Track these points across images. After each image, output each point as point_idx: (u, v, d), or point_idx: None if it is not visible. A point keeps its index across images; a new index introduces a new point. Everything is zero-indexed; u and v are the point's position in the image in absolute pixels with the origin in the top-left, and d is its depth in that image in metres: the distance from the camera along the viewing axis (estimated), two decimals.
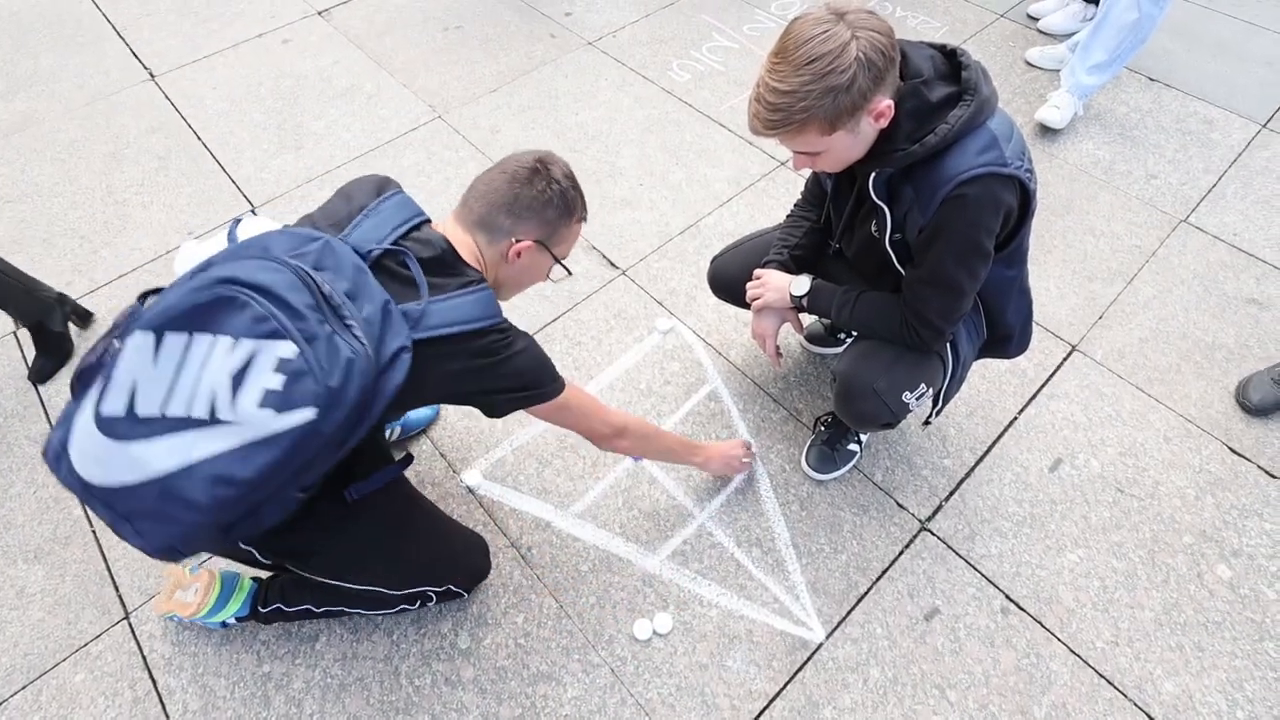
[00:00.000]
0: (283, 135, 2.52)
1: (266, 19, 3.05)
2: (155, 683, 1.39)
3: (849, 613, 1.47)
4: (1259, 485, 1.64)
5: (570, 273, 1.24)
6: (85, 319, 2.00)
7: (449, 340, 1.03)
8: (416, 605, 1.38)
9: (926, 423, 1.52)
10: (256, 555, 1.21)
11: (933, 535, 1.57)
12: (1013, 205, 1.10)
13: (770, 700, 1.37)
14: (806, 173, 1.50)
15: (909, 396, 1.30)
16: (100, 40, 2.95)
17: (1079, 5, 2.88)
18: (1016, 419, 1.76)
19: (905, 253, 1.20)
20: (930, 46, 1.10)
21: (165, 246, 2.18)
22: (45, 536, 1.58)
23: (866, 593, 1.49)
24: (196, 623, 1.41)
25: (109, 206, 2.30)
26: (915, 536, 1.57)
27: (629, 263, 2.12)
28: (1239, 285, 2.05)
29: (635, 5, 3.10)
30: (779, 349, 1.51)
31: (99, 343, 0.94)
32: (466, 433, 1.74)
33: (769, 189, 2.33)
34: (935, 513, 1.61)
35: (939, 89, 1.05)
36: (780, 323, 1.47)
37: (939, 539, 1.57)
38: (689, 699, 1.37)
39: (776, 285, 1.41)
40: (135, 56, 2.85)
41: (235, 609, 1.38)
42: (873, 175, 1.14)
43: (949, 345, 1.33)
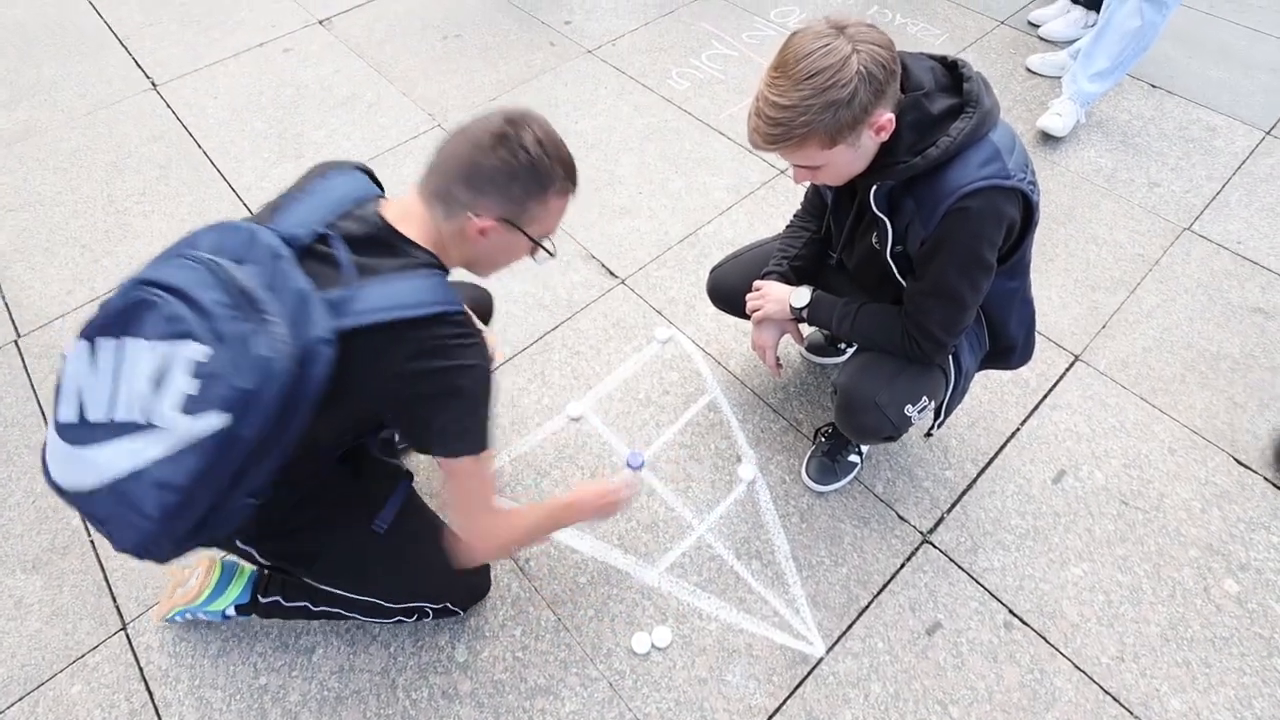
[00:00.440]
0: (283, 144, 2.53)
1: (267, 28, 3.06)
2: (152, 695, 1.38)
3: (850, 626, 1.45)
4: (1266, 498, 1.62)
5: (552, 254, 1.07)
6: None
7: (382, 330, 0.90)
8: (413, 618, 1.37)
9: (928, 434, 1.51)
10: (256, 556, 1.21)
11: (934, 548, 1.56)
12: (1015, 218, 1.09)
13: (770, 716, 1.35)
14: (807, 183, 1.49)
15: (911, 409, 1.29)
16: (103, 49, 2.96)
17: (1080, 12, 2.88)
18: (1019, 430, 1.75)
19: (906, 265, 1.19)
20: (931, 58, 1.09)
21: None
22: (43, 546, 1.58)
23: (867, 606, 1.48)
24: (198, 615, 1.40)
25: (110, 215, 2.30)
26: (917, 549, 1.56)
27: (628, 271, 2.11)
28: (1244, 294, 2.03)
29: (635, 13, 3.11)
30: (779, 360, 1.50)
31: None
32: None
33: (768, 197, 2.32)
34: (937, 525, 1.59)
35: (940, 101, 1.05)
36: (780, 334, 1.46)
37: (941, 552, 1.55)
38: (688, 714, 1.35)
39: (776, 297, 1.40)
40: (138, 65, 2.86)
41: (235, 595, 1.38)
42: (874, 188, 1.13)
43: (951, 357, 1.32)
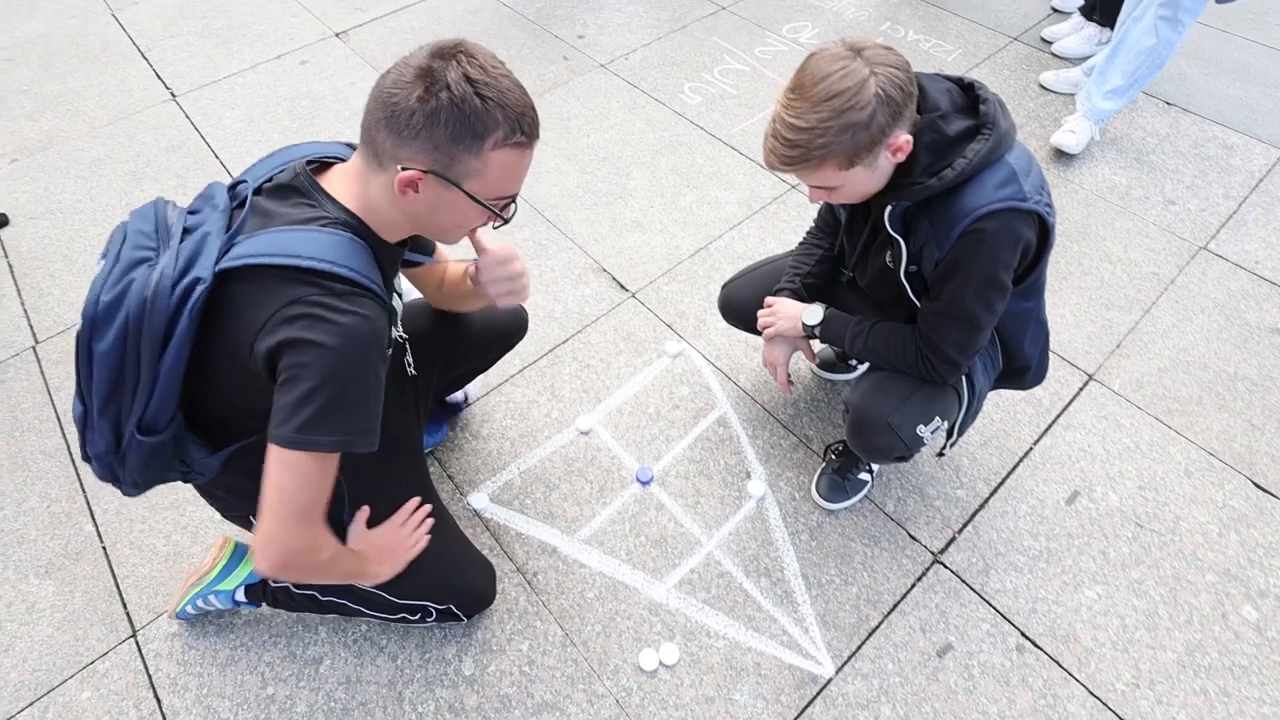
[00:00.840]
0: None
1: (285, 40, 3.10)
2: (160, 702, 1.38)
3: (859, 647, 1.44)
4: None
5: (503, 218, 0.95)
6: None
7: (254, 273, 0.87)
8: (417, 617, 1.35)
9: (940, 454, 1.50)
10: None
11: (946, 568, 1.54)
12: (1031, 240, 1.09)
13: None
14: (821, 202, 1.50)
15: (923, 430, 1.28)
16: (125, 61, 3.01)
17: (1094, 29, 2.87)
18: (1031, 450, 1.73)
19: (920, 285, 1.19)
20: (947, 79, 1.09)
21: None
22: (57, 551, 1.59)
23: (878, 626, 1.46)
24: (209, 598, 1.39)
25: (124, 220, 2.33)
26: (928, 569, 1.54)
27: (639, 285, 2.12)
28: (1261, 315, 2.01)
29: (647, 28, 3.13)
30: (790, 377, 1.50)
31: None
32: (474, 454, 1.74)
33: (780, 212, 2.32)
34: (948, 545, 1.58)
35: (956, 122, 1.05)
36: (792, 351, 1.46)
37: (952, 572, 1.54)
38: None
39: (789, 314, 1.40)
40: (158, 77, 2.91)
41: (247, 573, 1.38)
42: (889, 208, 1.13)
43: (964, 377, 1.31)
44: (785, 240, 2.22)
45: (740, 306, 1.60)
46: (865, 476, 1.62)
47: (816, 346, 1.55)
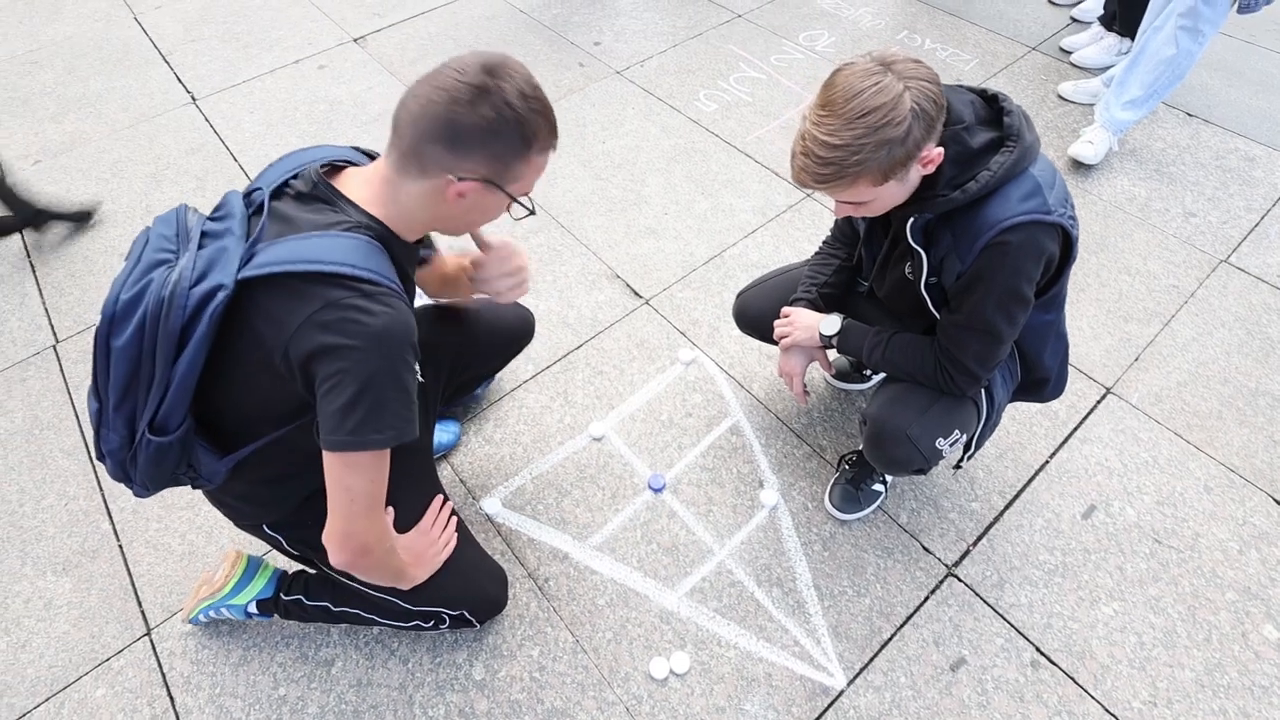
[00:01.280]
0: None
1: (304, 45, 3.14)
2: (173, 701, 1.39)
3: (872, 659, 1.43)
4: None
5: (532, 211, 1.02)
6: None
7: (280, 281, 0.89)
8: (430, 625, 1.35)
9: (957, 466, 1.48)
10: (284, 543, 1.23)
11: (960, 581, 1.53)
12: (1055, 253, 1.08)
13: None
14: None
15: (942, 443, 1.27)
16: (146, 64, 3.05)
17: (1114, 39, 2.85)
18: (1048, 463, 1.72)
19: (940, 296, 1.18)
20: (970, 91, 1.09)
21: None
22: (74, 549, 1.61)
23: (890, 639, 1.45)
24: (222, 610, 1.41)
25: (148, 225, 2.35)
26: (941, 582, 1.53)
27: (652, 292, 2.12)
28: None
29: (663, 35, 3.14)
30: (806, 388, 1.49)
31: None
32: (487, 459, 1.74)
33: (795, 220, 2.32)
34: (962, 558, 1.57)
35: (980, 135, 1.04)
36: (808, 361, 1.45)
37: (966, 585, 1.52)
38: None
39: (805, 324, 1.40)
40: (179, 80, 2.94)
41: (259, 589, 1.39)
42: (910, 220, 1.13)
43: (984, 390, 1.30)
44: (800, 248, 2.21)
45: (755, 316, 1.59)
46: (879, 487, 1.61)
47: (832, 356, 1.54)
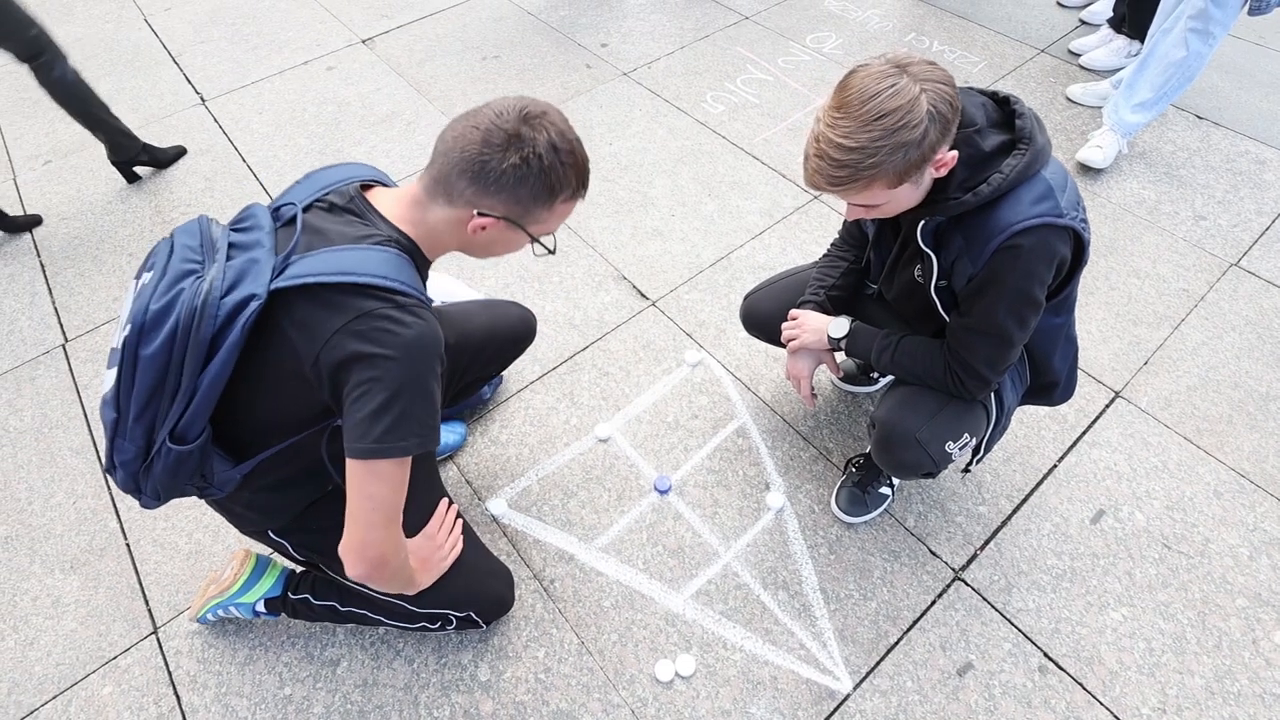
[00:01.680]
0: (324, 159, 2.58)
1: (312, 46, 3.15)
2: (179, 699, 1.40)
3: (878, 663, 1.42)
4: None
5: (551, 251, 1.05)
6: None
7: (312, 291, 0.91)
8: (437, 626, 1.36)
9: (966, 470, 1.48)
10: (289, 549, 1.24)
11: (967, 585, 1.52)
12: (1066, 256, 1.07)
13: None
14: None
15: (952, 446, 1.27)
16: (156, 66, 3.07)
17: (1123, 41, 2.84)
18: (1056, 467, 1.71)
19: (950, 300, 1.17)
20: (981, 93, 1.08)
21: None
22: (82, 547, 1.61)
23: (897, 643, 1.45)
24: (230, 609, 1.41)
25: (156, 226, 2.37)
26: (948, 586, 1.52)
27: (659, 294, 2.12)
28: None
29: (671, 37, 3.14)
30: (814, 390, 1.49)
31: None
32: (493, 460, 1.74)
33: (801, 222, 2.31)
34: (970, 562, 1.56)
35: (992, 137, 1.04)
36: (816, 364, 1.45)
37: (973, 590, 1.52)
38: None
39: (814, 326, 1.39)
40: (188, 81, 2.96)
41: (267, 588, 1.40)
42: (922, 223, 1.12)
43: (993, 393, 1.29)
44: (807, 250, 2.21)
45: (763, 318, 1.59)
46: (886, 490, 1.60)
47: (840, 359, 1.53)
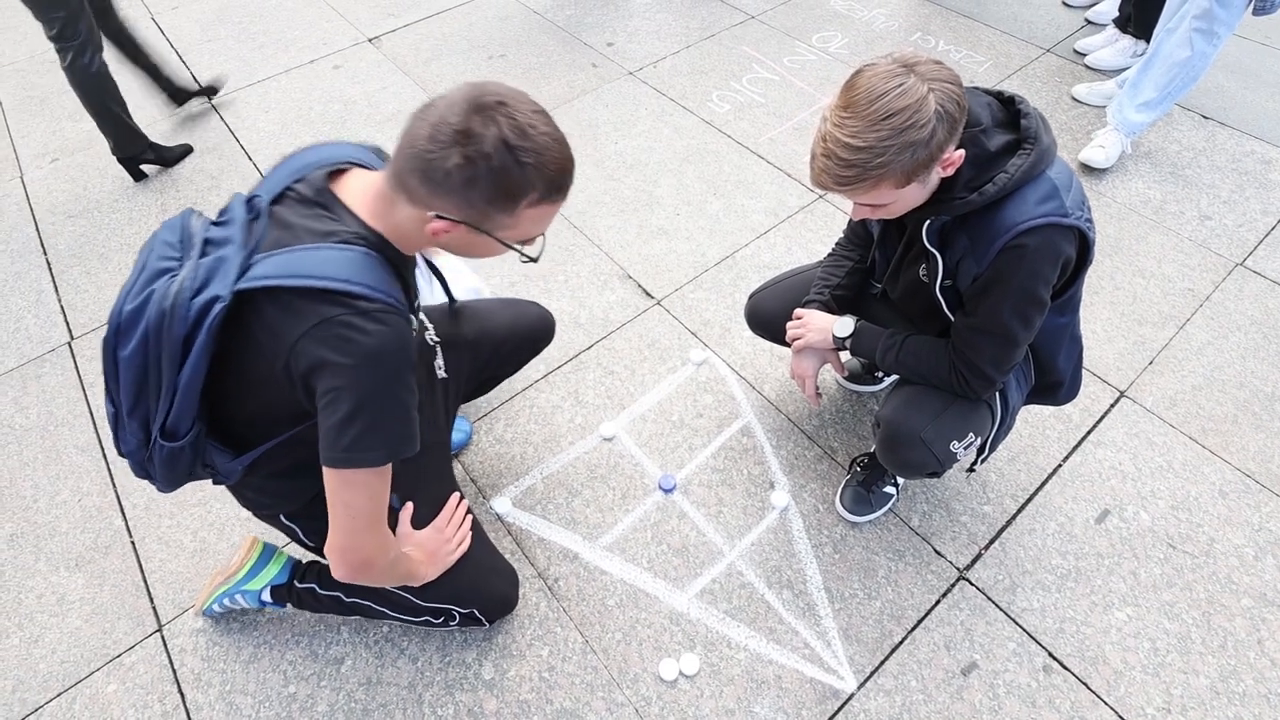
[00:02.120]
0: None
1: (319, 45, 3.15)
2: (184, 697, 1.40)
3: (882, 663, 1.42)
4: None
5: (533, 259, 0.95)
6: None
7: (276, 295, 0.88)
8: (440, 621, 1.36)
9: (970, 469, 1.47)
10: (300, 534, 1.24)
11: (971, 585, 1.52)
12: (1072, 255, 1.07)
13: None
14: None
15: (957, 446, 1.27)
16: (164, 64, 3.07)
17: (1129, 41, 2.83)
18: (1061, 466, 1.70)
19: (955, 299, 1.17)
20: (986, 93, 1.08)
21: None
22: (87, 545, 1.62)
23: (901, 642, 1.44)
24: (236, 597, 1.41)
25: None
26: (953, 586, 1.52)
27: (664, 292, 2.12)
28: None
29: (676, 36, 3.14)
30: (819, 390, 1.49)
31: None
32: (498, 459, 1.75)
33: (807, 221, 2.31)
34: (974, 561, 1.56)
35: (997, 137, 1.04)
36: (821, 363, 1.45)
37: (978, 589, 1.51)
38: None
39: (819, 326, 1.39)
40: (195, 80, 2.96)
41: (273, 575, 1.40)
42: (927, 222, 1.12)
43: (998, 393, 1.29)
44: (812, 250, 2.21)
45: (768, 317, 1.59)
46: (890, 490, 1.60)
47: (844, 358, 1.53)
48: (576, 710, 1.37)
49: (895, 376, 1.63)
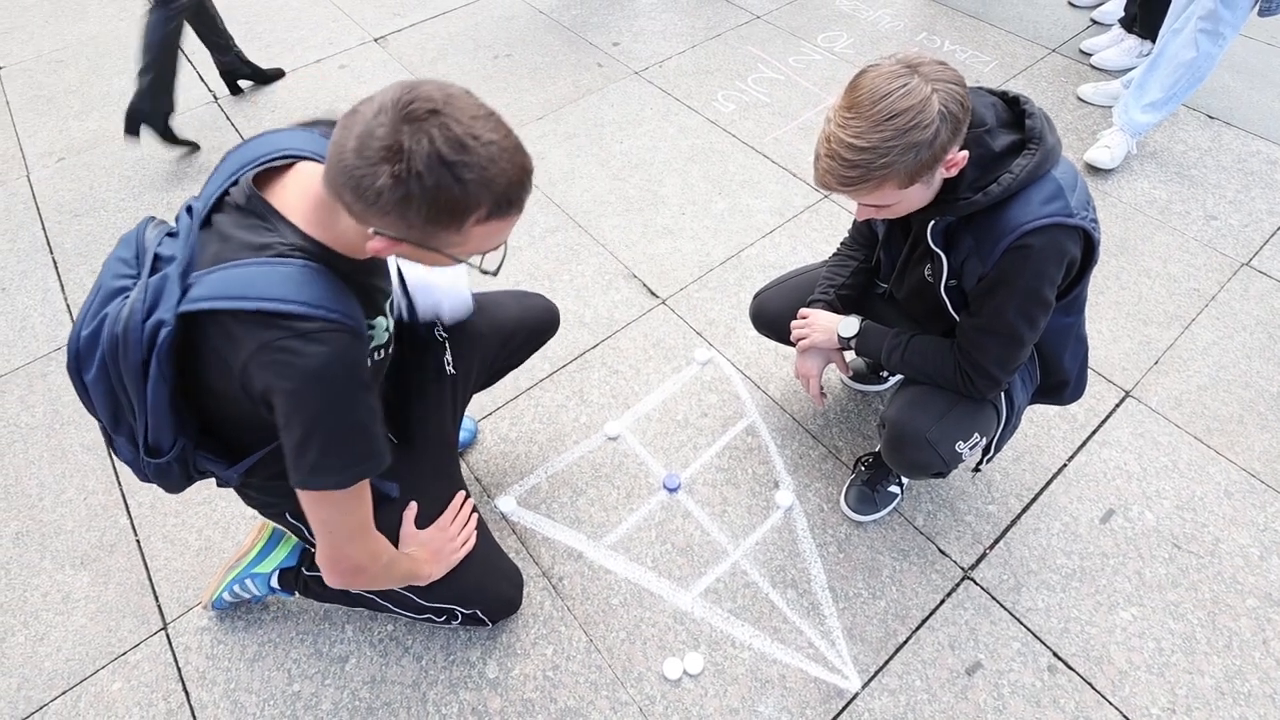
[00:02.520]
0: None
1: (325, 45, 3.16)
2: (188, 695, 1.40)
3: (887, 662, 1.42)
4: None
5: (492, 273, 0.88)
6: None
7: (217, 318, 0.84)
8: (442, 619, 1.36)
9: (976, 469, 1.47)
10: (305, 533, 1.24)
11: (976, 585, 1.52)
12: (1076, 256, 1.07)
13: None
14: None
15: (962, 446, 1.27)
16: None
17: (1134, 41, 2.83)
18: (1066, 466, 1.70)
19: (960, 299, 1.17)
20: (991, 93, 1.08)
21: None
22: (92, 543, 1.62)
23: (905, 642, 1.44)
24: (246, 582, 1.41)
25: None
26: (957, 585, 1.52)
27: (669, 292, 2.12)
28: None
29: (682, 36, 3.14)
30: (823, 389, 1.49)
31: None
32: (502, 457, 1.75)
33: (812, 221, 2.31)
34: (979, 561, 1.55)
35: (1002, 137, 1.04)
36: (825, 363, 1.45)
37: (982, 589, 1.51)
38: None
39: (823, 326, 1.39)
40: (201, 79, 2.97)
41: (283, 557, 1.40)
42: (932, 223, 1.12)
43: (1003, 393, 1.29)
44: (817, 249, 2.21)
45: (772, 316, 1.59)
46: (895, 489, 1.60)
47: (849, 358, 1.53)
48: (580, 709, 1.37)
49: (900, 376, 1.63)
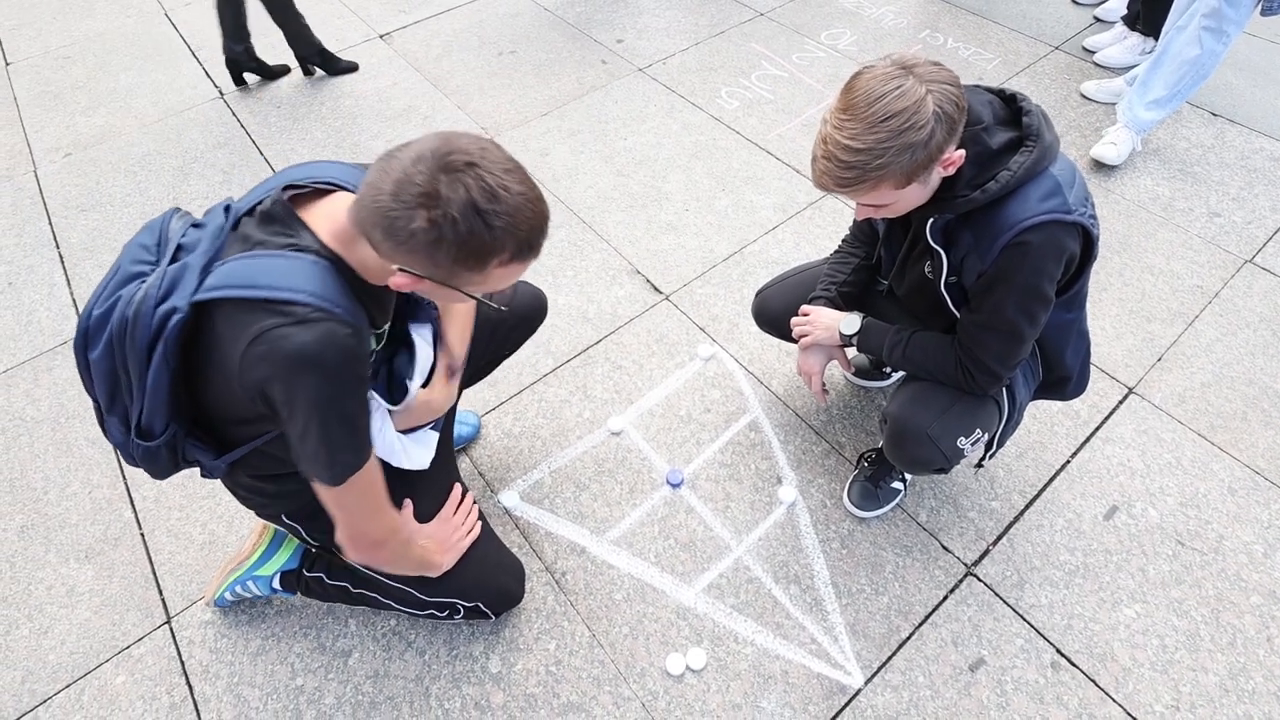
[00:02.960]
0: (340, 153, 2.60)
1: (330, 41, 3.14)
2: (192, 689, 1.41)
3: (890, 658, 1.42)
4: None
5: (501, 309, 0.97)
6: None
7: (225, 306, 0.87)
8: (445, 614, 1.36)
9: (978, 465, 1.47)
10: (303, 533, 1.25)
11: (979, 581, 1.52)
12: (1075, 252, 1.08)
13: None
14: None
15: (964, 441, 1.27)
16: (176, 60, 3.09)
17: (1138, 38, 2.82)
18: (1069, 462, 1.70)
19: (960, 296, 1.17)
20: (987, 91, 1.09)
21: None
22: (97, 537, 1.63)
23: (908, 638, 1.44)
24: (248, 583, 1.41)
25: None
26: (961, 581, 1.52)
27: (672, 288, 2.12)
28: None
29: (686, 33, 3.14)
30: (825, 386, 1.49)
31: None
32: (505, 452, 1.75)
33: (815, 217, 2.31)
34: (982, 557, 1.55)
35: (999, 135, 1.04)
36: (827, 360, 1.45)
37: (986, 585, 1.51)
38: None
39: (825, 323, 1.39)
40: (207, 75, 2.98)
41: (284, 560, 1.41)
42: (930, 220, 1.12)
43: (1005, 389, 1.29)
44: (820, 246, 2.21)
45: (774, 313, 1.59)
46: (898, 485, 1.60)
47: (851, 354, 1.53)
48: (583, 704, 1.37)
49: (902, 372, 1.63)
